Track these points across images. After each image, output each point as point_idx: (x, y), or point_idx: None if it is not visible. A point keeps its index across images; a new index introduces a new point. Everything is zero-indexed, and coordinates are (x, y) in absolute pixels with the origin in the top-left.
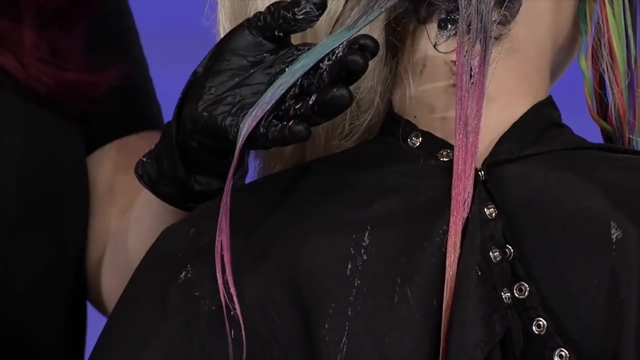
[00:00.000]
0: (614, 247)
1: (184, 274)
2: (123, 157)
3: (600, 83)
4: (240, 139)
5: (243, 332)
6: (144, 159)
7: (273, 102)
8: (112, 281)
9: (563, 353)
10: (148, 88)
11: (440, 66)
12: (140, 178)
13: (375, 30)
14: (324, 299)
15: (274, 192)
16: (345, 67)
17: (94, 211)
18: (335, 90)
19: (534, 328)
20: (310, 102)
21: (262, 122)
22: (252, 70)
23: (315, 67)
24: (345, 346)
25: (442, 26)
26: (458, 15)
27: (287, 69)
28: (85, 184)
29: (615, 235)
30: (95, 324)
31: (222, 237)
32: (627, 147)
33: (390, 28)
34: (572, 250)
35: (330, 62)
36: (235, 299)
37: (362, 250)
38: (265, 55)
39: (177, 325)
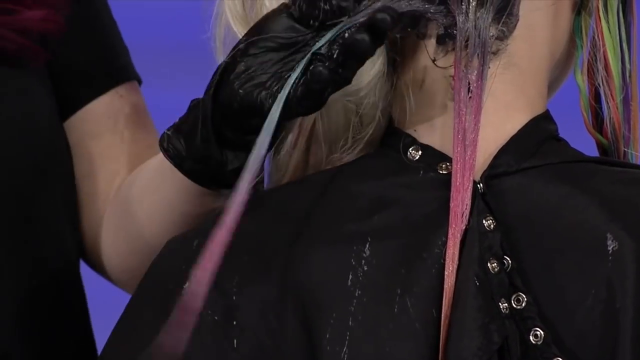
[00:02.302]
0: (610, 258)
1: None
2: (105, 118)
3: (596, 97)
4: (278, 102)
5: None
6: (169, 133)
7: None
8: (116, 244)
9: None
10: (114, 34)
11: (439, 81)
12: (166, 152)
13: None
14: (325, 309)
15: (276, 204)
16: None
17: (82, 175)
18: (356, 35)
19: (531, 338)
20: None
21: (293, 88)
22: (287, 51)
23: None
24: (346, 355)
25: (440, 41)
26: (456, 30)
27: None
28: (62, 146)
29: (611, 247)
30: (102, 331)
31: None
32: (622, 160)
33: (390, 43)
34: (569, 261)
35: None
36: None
37: (363, 262)
38: (300, 37)
39: None
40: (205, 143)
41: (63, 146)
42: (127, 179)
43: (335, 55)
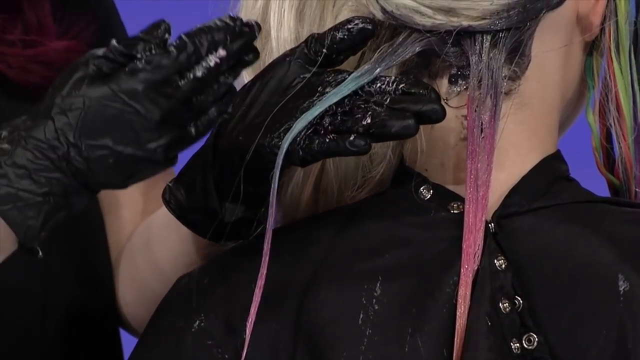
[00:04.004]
0: (621, 299)
1: (197, 322)
2: None
3: (608, 137)
4: (282, 151)
5: None
6: (171, 185)
7: (311, 118)
8: (129, 295)
9: None
10: None
11: (451, 120)
12: (167, 204)
13: None
14: (336, 348)
15: (288, 243)
16: (419, 113)
17: (108, 220)
18: (404, 120)
19: None
20: (366, 122)
21: (300, 137)
22: (289, 96)
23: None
24: None
25: (452, 81)
26: (469, 71)
27: (323, 96)
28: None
29: (622, 287)
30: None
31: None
32: (633, 201)
33: None
34: (581, 302)
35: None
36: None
37: (374, 300)
38: (303, 81)
39: None
40: (205, 194)
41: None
42: (137, 229)
43: (368, 123)
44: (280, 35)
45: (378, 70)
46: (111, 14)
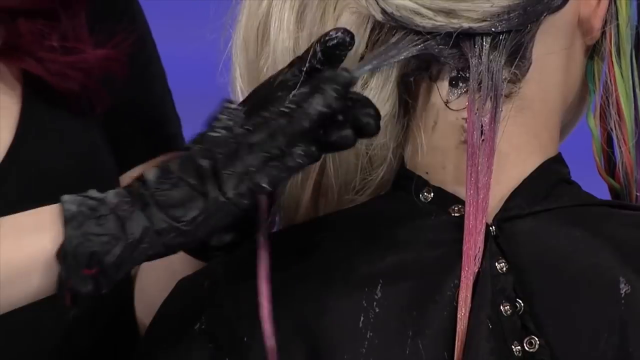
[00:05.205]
0: (622, 301)
1: (198, 325)
2: None
3: (608, 141)
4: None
5: None
6: None
7: None
8: (140, 308)
9: None
10: (168, 100)
11: (452, 123)
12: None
13: (388, 87)
14: (336, 351)
15: (287, 246)
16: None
17: None
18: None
19: None
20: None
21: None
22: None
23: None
24: None
25: (453, 84)
26: (469, 73)
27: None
28: None
29: (624, 290)
30: None
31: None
32: (634, 204)
33: (402, 85)
34: (582, 305)
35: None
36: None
37: (375, 303)
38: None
39: None
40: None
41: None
42: None
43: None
44: (279, 37)
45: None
46: (145, 26)
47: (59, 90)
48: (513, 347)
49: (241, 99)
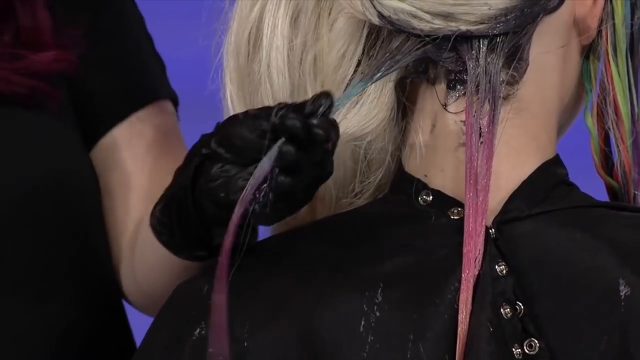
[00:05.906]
0: (622, 303)
1: (197, 330)
2: (124, 147)
3: (606, 140)
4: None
5: None
6: (157, 212)
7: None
8: (128, 285)
9: None
10: (144, 51)
11: (450, 126)
12: (153, 228)
13: (386, 90)
14: (337, 355)
15: (287, 249)
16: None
17: (105, 209)
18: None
19: None
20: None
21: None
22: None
23: None
24: None
25: (451, 86)
26: (466, 76)
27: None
28: (92, 183)
29: (623, 292)
30: None
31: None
32: (633, 205)
33: (400, 88)
34: (582, 307)
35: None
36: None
37: (375, 307)
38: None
39: None
40: (189, 225)
41: (88, 179)
42: (143, 219)
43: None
44: (273, 43)
45: (378, 75)
46: (124, 14)
47: (6, 93)
48: (513, 349)
49: (231, 105)
